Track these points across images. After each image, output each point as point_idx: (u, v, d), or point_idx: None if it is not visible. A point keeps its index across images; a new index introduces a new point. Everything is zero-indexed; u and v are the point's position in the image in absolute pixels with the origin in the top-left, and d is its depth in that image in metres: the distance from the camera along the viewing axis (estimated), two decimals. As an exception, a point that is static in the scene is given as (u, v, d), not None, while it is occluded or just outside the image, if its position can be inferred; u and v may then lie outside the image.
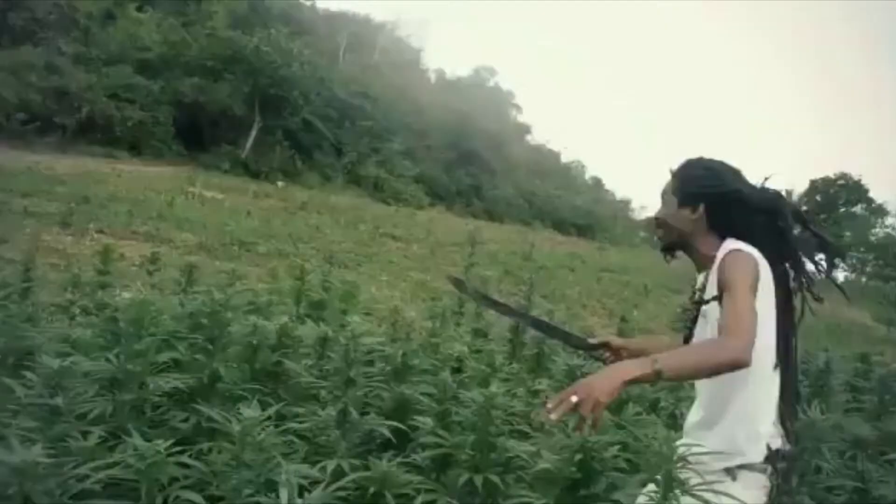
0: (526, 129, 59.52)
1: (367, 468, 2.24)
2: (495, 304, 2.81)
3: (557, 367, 3.66)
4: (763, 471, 1.89)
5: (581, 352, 2.49)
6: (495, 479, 2.20)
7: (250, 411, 1.91)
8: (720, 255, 2.01)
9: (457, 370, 3.16)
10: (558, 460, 2.23)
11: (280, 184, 28.48)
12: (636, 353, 2.34)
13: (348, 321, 2.78)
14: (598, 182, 62.00)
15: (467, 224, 23.75)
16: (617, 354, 2.32)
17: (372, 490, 2.12)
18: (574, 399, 1.62)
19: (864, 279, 45.36)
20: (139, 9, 31.72)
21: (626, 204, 60.43)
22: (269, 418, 2.04)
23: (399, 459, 2.50)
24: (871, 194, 52.33)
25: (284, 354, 3.13)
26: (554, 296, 13.08)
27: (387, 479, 2.17)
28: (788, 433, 1.97)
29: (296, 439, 2.55)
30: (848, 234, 48.94)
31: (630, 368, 1.72)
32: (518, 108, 59.73)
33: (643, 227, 51.20)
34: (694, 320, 2.12)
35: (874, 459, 3.36)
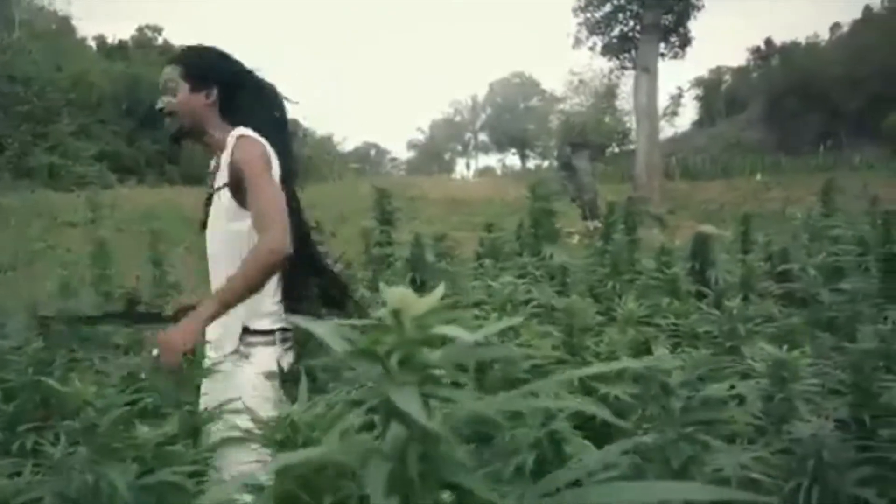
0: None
1: None
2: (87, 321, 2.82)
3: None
4: (270, 343, 2.02)
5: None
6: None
7: None
8: (230, 140, 2.05)
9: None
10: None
11: (-66, 195, 24.81)
12: None
13: None
14: (295, 123, 61.43)
15: (159, 194, 22.48)
16: None
17: None
18: (155, 353, 1.78)
19: (554, 163, 49.82)
20: None
21: (328, 139, 60.77)
22: None
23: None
24: (543, 86, 57.43)
25: None
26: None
27: None
28: (293, 309, 2.09)
29: None
30: (532, 125, 53.65)
31: (200, 313, 1.85)
32: (196, 62, 56.77)
33: (351, 159, 52.11)
34: (208, 202, 2.15)
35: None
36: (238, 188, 2.00)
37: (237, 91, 2.12)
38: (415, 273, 3.45)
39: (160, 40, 52.01)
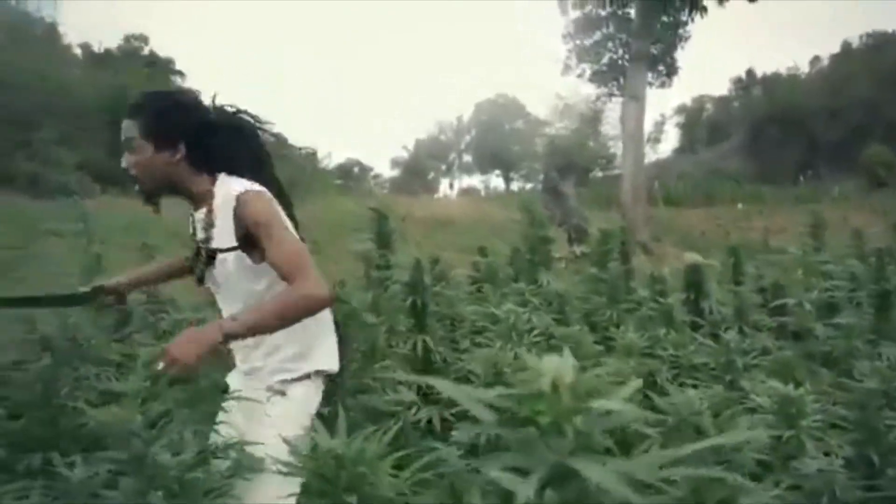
0: (195, 95, 56.78)
1: None
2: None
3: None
4: (306, 379, 1.97)
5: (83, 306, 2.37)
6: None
7: None
8: (222, 194, 1.95)
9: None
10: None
11: (-90, 202, 24.42)
12: (135, 286, 2.33)
13: None
14: (279, 138, 60.99)
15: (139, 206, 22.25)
16: (119, 295, 2.28)
17: None
18: (160, 368, 1.66)
19: (537, 186, 50.04)
20: None
21: (312, 155, 60.63)
22: None
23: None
24: (528, 109, 57.79)
25: None
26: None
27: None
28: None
29: None
30: (517, 147, 53.89)
31: (219, 326, 1.75)
32: (182, 74, 56.62)
33: (337, 175, 52.03)
34: (208, 261, 2.01)
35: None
36: (248, 247, 1.93)
37: (207, 140, 1.99)
38: (415, 297, 3.46)
39: (146, 50, 51.80)
